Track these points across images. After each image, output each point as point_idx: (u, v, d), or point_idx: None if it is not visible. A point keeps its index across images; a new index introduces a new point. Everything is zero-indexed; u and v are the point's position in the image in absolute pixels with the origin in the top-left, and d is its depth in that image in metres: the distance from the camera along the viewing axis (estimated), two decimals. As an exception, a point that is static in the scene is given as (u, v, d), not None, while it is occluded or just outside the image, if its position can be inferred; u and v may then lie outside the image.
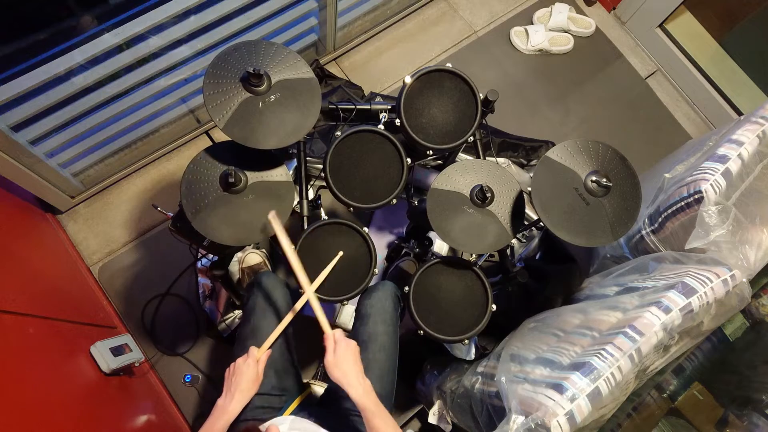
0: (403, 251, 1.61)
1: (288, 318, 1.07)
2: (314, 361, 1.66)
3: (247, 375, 0.98)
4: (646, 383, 1.09)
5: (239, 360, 1.00)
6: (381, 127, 1.17)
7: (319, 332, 0.99)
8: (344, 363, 0.94)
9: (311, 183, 1.44)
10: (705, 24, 2.11)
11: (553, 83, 2.11)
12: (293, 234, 1.18)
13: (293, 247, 1.04)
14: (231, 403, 0.96)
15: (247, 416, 1.04)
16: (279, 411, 1.09)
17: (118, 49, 1.36)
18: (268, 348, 1.03)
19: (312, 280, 1.07)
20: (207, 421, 0.95)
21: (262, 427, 0.91)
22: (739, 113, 2.07)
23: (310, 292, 1.02)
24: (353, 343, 0.98)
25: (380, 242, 1.76)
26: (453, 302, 1.18)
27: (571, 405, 0.86)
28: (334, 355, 0.95)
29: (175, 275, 1.68)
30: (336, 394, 1.14)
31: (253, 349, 1.01)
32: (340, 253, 1.14)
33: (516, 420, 0.90)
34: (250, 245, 1.64)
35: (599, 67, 2.15)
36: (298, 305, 1.05)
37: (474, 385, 1.18)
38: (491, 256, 1.53)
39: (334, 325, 1.00)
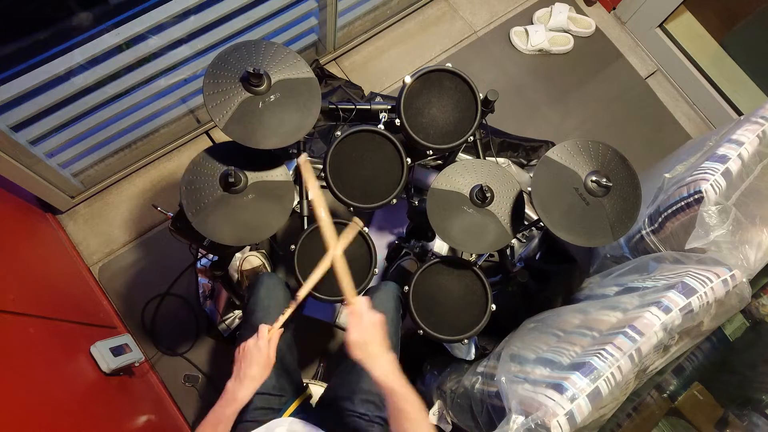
0: (404, 251, 1.61)
1: (302, 294, 0.96)
2: (314, 361, 1.66)
3: (257, 359, 0.90)
4: (646, 383, 1.09)
5: (250, 341, 0.91)
6: (381, 127, 1.17)
7: (319, 333, 0.98)
8: (371, 343, 0.84)
9: (311, 183, 1.43)
10: (705, 24, 2.11)
11: (553, 83, 2.10)
12: (293, 234, 1.18)
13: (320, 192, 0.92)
14: (241, 390, 0.89)
15: (247, 417, 1.04)
16: (278, 412, 1.09)
17: (118, 49, 1.36)
18: (280, 327, 0.94)
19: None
20: (216, 406, 0.90)
21: None
22: (739, 113, 2.07)
23: (338, 251, 0.91)
24: (380, 316, 0.88)
25: (380, 242, 1.76)
26: (453, 302, 1.18)
27: (571, 405, 0.86)
28: (360, 332, 0.84)
29: (175, 275, 1.68)
30: (335, 395, 1.14)
31: (263, 328, 0.92)
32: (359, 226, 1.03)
33: (516, 420, 0.90)
34: (249, 246, 1.64)
35: (599, 67, 2.15)
36: (324, 265, 0.93)
37: (474, 385, 1.18)
38: (491, 256, 1.53)
39: (334, 326, 0.97)
